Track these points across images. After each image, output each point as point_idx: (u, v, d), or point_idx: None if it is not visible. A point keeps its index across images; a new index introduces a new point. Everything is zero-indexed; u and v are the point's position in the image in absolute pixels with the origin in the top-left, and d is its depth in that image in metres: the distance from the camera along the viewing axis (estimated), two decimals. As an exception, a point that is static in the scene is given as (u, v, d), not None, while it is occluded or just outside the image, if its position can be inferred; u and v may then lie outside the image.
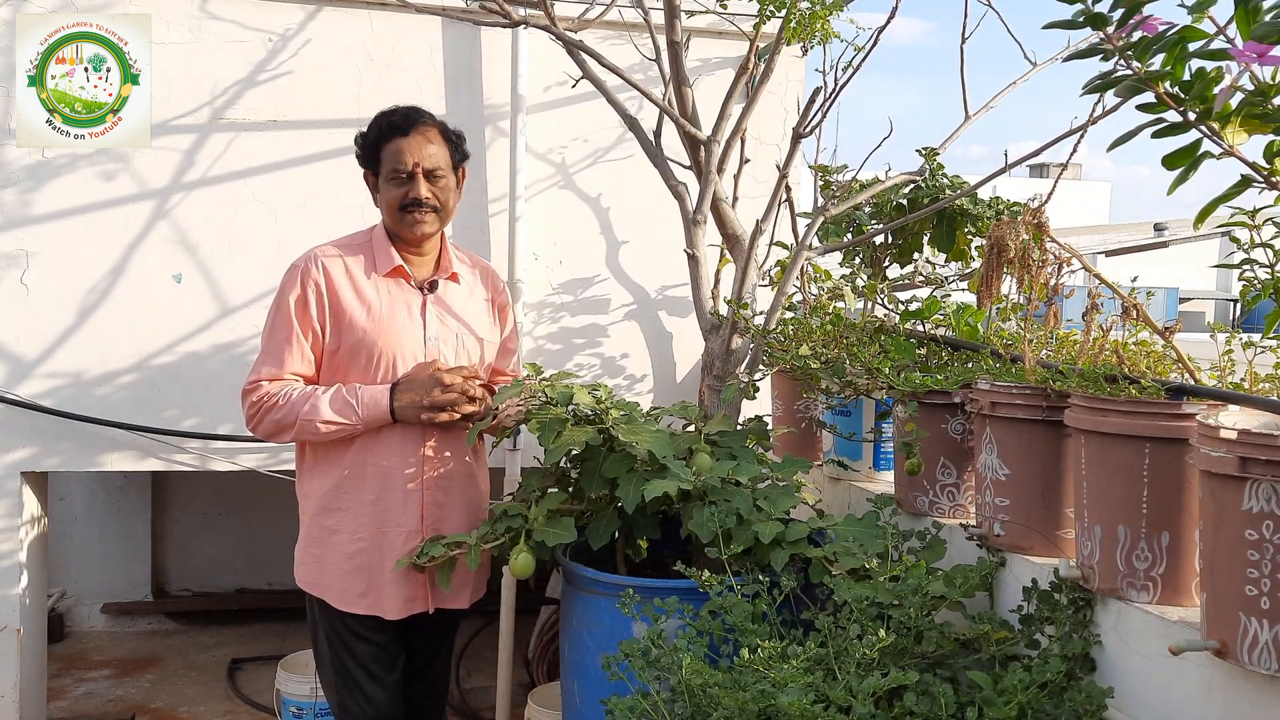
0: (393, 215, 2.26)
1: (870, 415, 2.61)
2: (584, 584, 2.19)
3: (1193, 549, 1.60)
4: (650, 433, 2.12)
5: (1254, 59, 1.14)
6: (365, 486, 2.23)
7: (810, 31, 2.37)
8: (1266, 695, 1.38)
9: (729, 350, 2.57)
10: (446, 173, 2.27)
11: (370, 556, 2.22)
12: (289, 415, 2.18)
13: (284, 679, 3.22)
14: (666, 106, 2.63)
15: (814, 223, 2.67)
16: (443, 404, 2.19)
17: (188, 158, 3.01)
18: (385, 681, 2.28)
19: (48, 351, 2.95)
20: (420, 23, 3.12)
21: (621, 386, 3.34)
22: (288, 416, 2.18)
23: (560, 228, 3.29)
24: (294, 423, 2.18)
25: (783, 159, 2.85)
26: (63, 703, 3.74)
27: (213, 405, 3.04)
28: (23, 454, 2.96)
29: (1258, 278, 1.61)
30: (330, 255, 2.26)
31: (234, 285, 3.05)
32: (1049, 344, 2.10)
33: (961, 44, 2.74)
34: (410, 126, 2.23)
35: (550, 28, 2.58)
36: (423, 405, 2.18)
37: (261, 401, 2.20)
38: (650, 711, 1.78)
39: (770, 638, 1.82)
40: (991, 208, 2.91)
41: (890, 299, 2.68)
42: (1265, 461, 1.32)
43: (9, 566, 2.97)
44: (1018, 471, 1.88)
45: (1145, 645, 1.60)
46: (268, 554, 4.75)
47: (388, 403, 2.18)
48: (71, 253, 2.94)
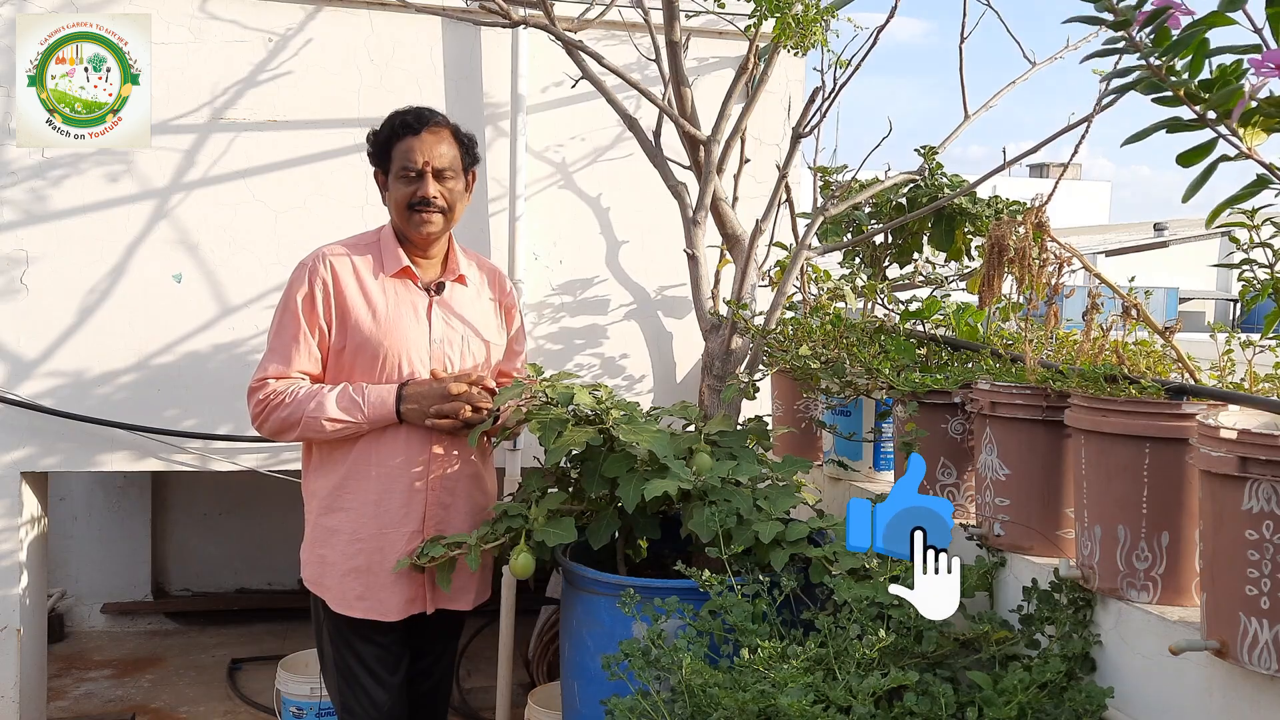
0: (401, 214, 2.26)
1: (870, 415, 2.61)
2: (584, 584, 2.19)
3: (1193, 549, 1.60)
4: (650, 433, 2.12)
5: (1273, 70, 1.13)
6: (368, 487, 2.23)
7: (804, 36, 2.37)
8: (1266, 695, 1.38)
9: (729, 350, 2.57)
10: (456, 174, 2.27)
11: (370, 557, 2.22)
12: (295, 413, 2.18)
13: (284, 679, 3.22)
14: (666, 106, 2.63)
15: (814, 223, 2.67)
16: (447, 413, 2.20)
17: (188, 158, 3.01)
18: (389, 682, 2.28)
19: (48, 351, 2.95)
20: (420, 23, 3.12)
21: (621, 386, 3.34)
22: (294, 414, 2.18)
23: (560, 228, 3.29)
24: (299, 420, 2.18)
25: (783, 159, 2.84)
26: (63, 703, 3.74)
27: (213, 405, 3.04)
28: (23, 454, 2.96)
29: (1257, 278, 1.61)
30: (338, 255, 2.26)
31: (234, 285, 3.05)
32: (1049, 344, 2.10)
33: (960, 44, 2.74)
34: (423, 125, 2.23)
35: (550, 28, 2.58)
36: (428, 412, 2.19)
37: (268, 399, 2.20)
38: (650, 711, 1.78)
39: (770, 638, 1.82)
40: (991, 207, 2.91)
41: (890, 299, 2.68)
42: (1265, 461, 1.32)
43: (9, 566, 2.97)
44: (1018, 471, 1.88)
45: (1145, 645, 1.60)
46: (268, 554, 4.76)
47: (394, 403, 2.19)
48: (71, 253, 2.94)
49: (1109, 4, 1.25)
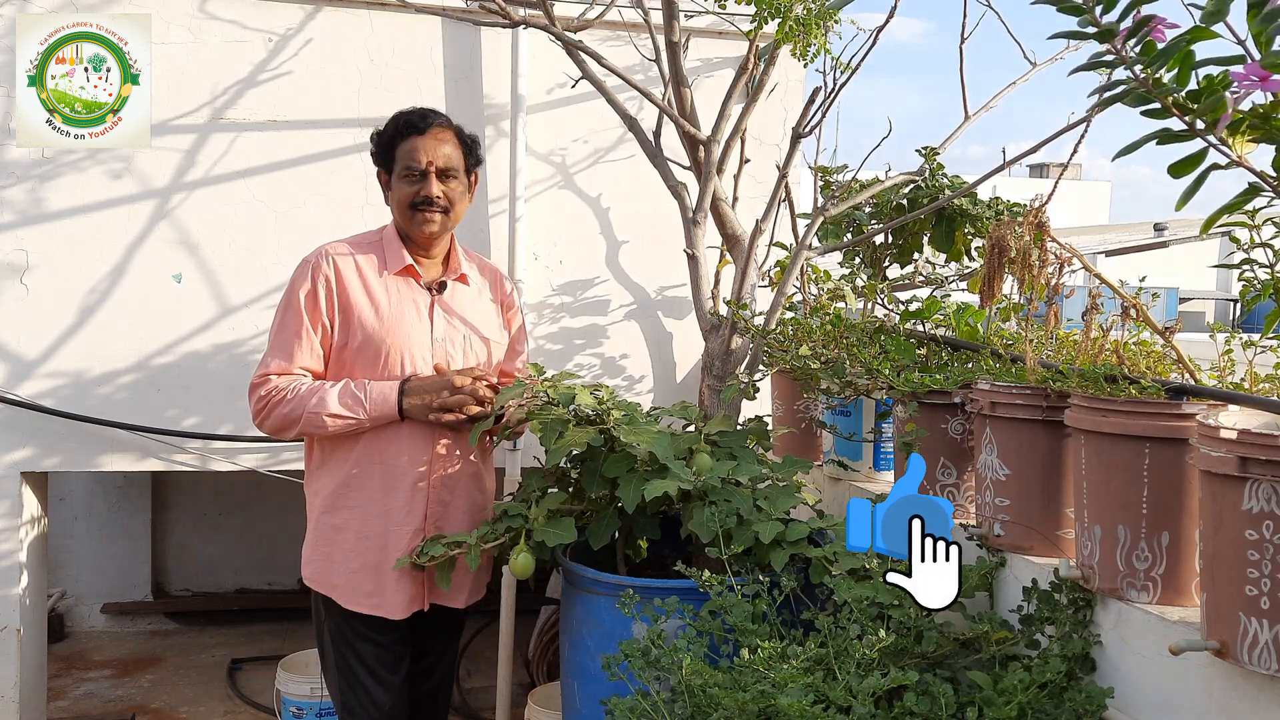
0: (403, 213, 2.26)
1: (870, 415, 2.61)
2: (584, 584, 2.19)
3: (1193, 549, 1.60)
4: (651, 433, 2.12)
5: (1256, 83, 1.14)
6: (372, 485, 2.23)
7: (808, 42, 2.36)
8: (1266, 695, 1.38)
9: (729, 350, 2.57)
10: (459, 175, 2.28)
11: (377, 555, 2.22)
12: (296, 409, 2.18)
13: (284, 679, 3.22)
14: (666, 106, 2.63)
15: (814, 223, 2.67)
16: (451, 405, 2.20)
17: (188, 158, 3.01)
18: (389, 682, 2.28)
19: (48, 351, 2.95)
20: (420, 23, 3.13)
21: (621, 387, 3.34)
22: (295, 410, 2.18)
23: (560, 228, 3.29)
24: (300, 417, 2.18)
25: (783, 159, 2.84)
26: (63, 703, 3.74)
27: (213, 405, 3.04)
28: (23, 454, 2.96)
29: (1257, 278, 1.61)
30: (341, 253, 2.26)
31: (234, 285, 3.05)
32: (1049, 344, 2.10)
33: (961, 44, 2.74)
34: (427, 126, 2.24)
35: (550, 28, 2.58)
36: (431, 407, 2.19)
37: (269, 395, 2.20)
38: (650, 712, 1.78)
39: (770, 638, 1.82)
40: (991, 208, 2.91)
41: (890, 299, 2.68)
42: (1265, 461, 1.32)
43: (9, 566, 2.97)
44: (1018, 471, 1.88)
45: (1145, 645, 1.60)
46: (268, 554, 4.76)
47: (396, 400, 2.19)
48: (72, 253, 2.94)
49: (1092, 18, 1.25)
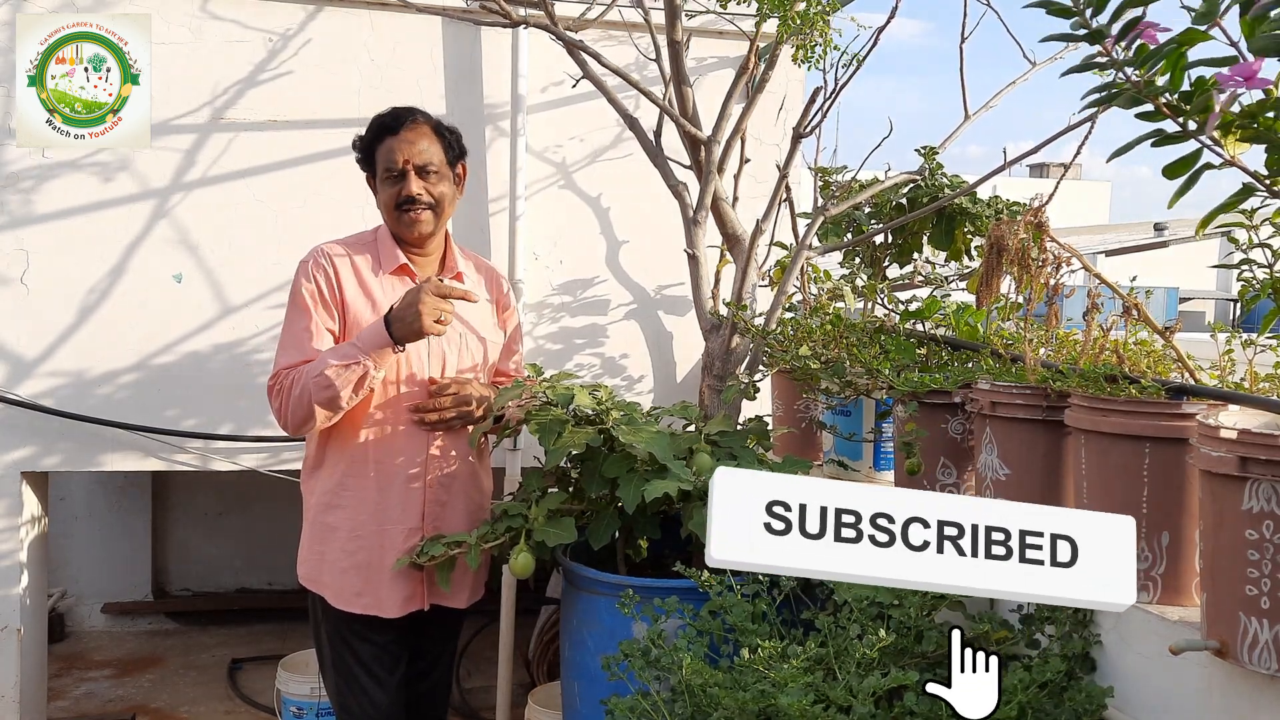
0: (391, 215, 2.26)
1: (870, 415, 2.61)
2: (584, 584, 2.19)
3: (1193, 549, 1.60)
4: (650, 433, 2.12)
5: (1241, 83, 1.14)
6: (368, 484, 2.23)
7: (811, 43, 2.36)
8: (1266, 695, 1.38)
9: (729, 350, 2.57)
10: (440, 169, 2.25)
11: (370, 554, 2.22)
12: (303, 386, 2.11)
13: (284, 679, 3.22)
14: (666, 106, 2.63)
15: (814, 223, 2.67)
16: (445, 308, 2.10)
17: (188, 158, 3.01)
18: (387, 682, 2.28)
19: (48, 351, 2.95)
20: (420, 23, 3.12)
21: (621, 386, 3.34)
22: (303, 388, 2.11)
23: (560, 228, 3.29)
24: (308, 390, 2.11)
25: (783, 159, 2.84)
26: (63, 703, 3.74)
27: (213, 405, 3.04)
28: (23, 454, 2.96)
29: (1256, 278, 1.61)
30: (337, 253, 2.26)
31: (234, 285, 3.05)
32: (1049, 344, 2.10)
33: (961, 44, 2.74)
34: (400, 125, 2.22)
35: (550, 27, 2.58)
36: (422, 313, 2.07)
37: (281, 388, 2.16)
38: (650, 711, 1.78)
39: (770, 638, 1.82)
40: (991, 207, 2.91)
41: (890, 299, 2.68)
42: (1265, 461, 1.32)
43: (9, 566, 2.97)
44: (1018, 471, 1.88)
45: (1145, 645, 1.60)
46: (268, 554, 4.75)
47: (385, 331, 2.11)
48: (72, 252, 2.94)
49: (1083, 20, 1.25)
